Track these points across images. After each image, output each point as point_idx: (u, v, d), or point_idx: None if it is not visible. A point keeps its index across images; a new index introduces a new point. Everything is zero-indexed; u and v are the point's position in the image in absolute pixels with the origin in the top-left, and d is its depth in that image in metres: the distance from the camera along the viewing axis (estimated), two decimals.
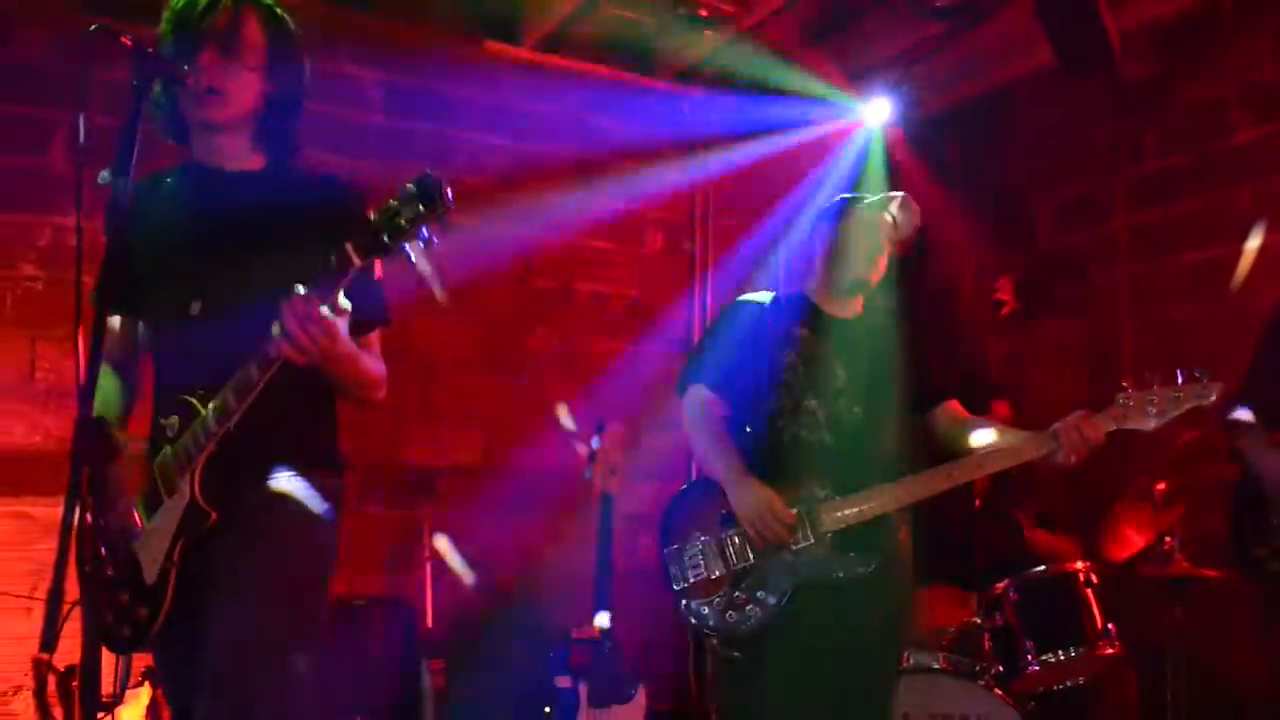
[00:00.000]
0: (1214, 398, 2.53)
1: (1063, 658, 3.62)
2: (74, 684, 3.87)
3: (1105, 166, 5.10)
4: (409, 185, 1.82)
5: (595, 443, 4.29)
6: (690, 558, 2.84)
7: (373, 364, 2.18)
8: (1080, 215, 5.24)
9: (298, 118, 2.24)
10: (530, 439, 4.98)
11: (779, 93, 5.06)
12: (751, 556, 2.78)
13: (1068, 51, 4.52)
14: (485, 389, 4.86)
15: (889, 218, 2.98)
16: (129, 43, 1.86)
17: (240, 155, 2.22)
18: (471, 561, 4.71)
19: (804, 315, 3.00)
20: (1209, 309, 4.62)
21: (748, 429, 2.93)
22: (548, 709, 3.99)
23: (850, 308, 3.02)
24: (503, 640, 4.65)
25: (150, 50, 1.89)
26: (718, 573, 2.81)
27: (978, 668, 3.66)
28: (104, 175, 1.84)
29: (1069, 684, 3.84)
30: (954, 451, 2.88)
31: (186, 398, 2.07)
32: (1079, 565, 3.81)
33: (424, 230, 1.82)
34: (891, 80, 5.28)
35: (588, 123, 5.02)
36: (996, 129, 5.51)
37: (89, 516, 1.68)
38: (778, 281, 4.40)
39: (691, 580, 2.82)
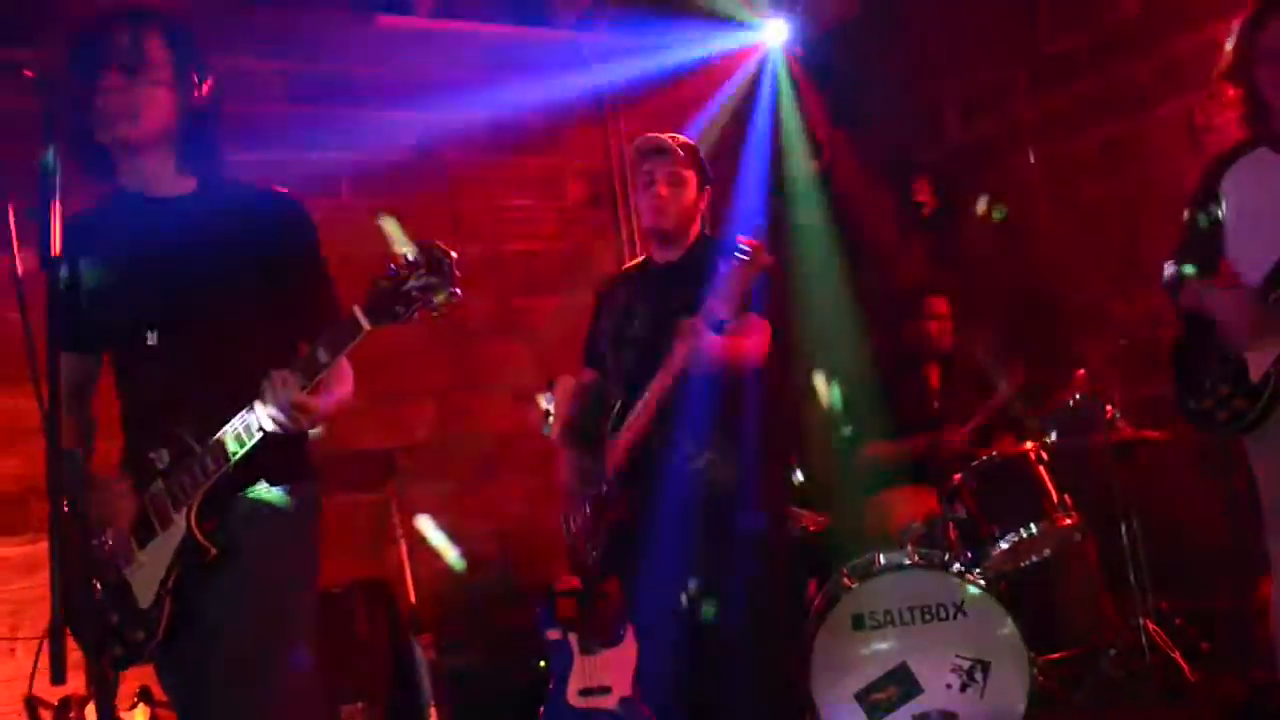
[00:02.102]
0: None
1: (1025, 535, 3.78)
2: (71, 715, 3.88)
3: (1004, 55, 5.18)
4: (412, 254, 1.87)
5: (549, 399, 4.33)
6: (569, 518, 3.29)
7: (340, 397, 2.19)
8: (986, 107, 5.33)
9: (217, 130, 2.23)
10: (484, 405, 5.01)
11: (679, 20, 5.08)
12: None
13: None
14: (431, 363, 4.86)
15: (645, 163, 3.12)
16: (31, 75, 1.82)
17: (169, 179, 2.21)
18: (447, 533, 4.76)
19: (633, 275, 3.31)
20: (1119, 184, 4.74)
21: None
22: (542, 663, 4.07)
23: (669, 253, 3.19)
24: (488, 605, 4.71)
25: (55, 78, 1.86)
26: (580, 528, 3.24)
27: (947, 557, 3.79)
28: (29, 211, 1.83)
29: (1035, 559, 4.01)
30: None
31: (176, 432, 2.08)
32: (1028, 446, 3.96)
33: (433, 300, 1.87)
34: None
35: (493, 83, 4.98)
36: (893, 34, 5.56)
37: (74, 544, 1.70)
38: None
39: (572, 539, 3.28)
